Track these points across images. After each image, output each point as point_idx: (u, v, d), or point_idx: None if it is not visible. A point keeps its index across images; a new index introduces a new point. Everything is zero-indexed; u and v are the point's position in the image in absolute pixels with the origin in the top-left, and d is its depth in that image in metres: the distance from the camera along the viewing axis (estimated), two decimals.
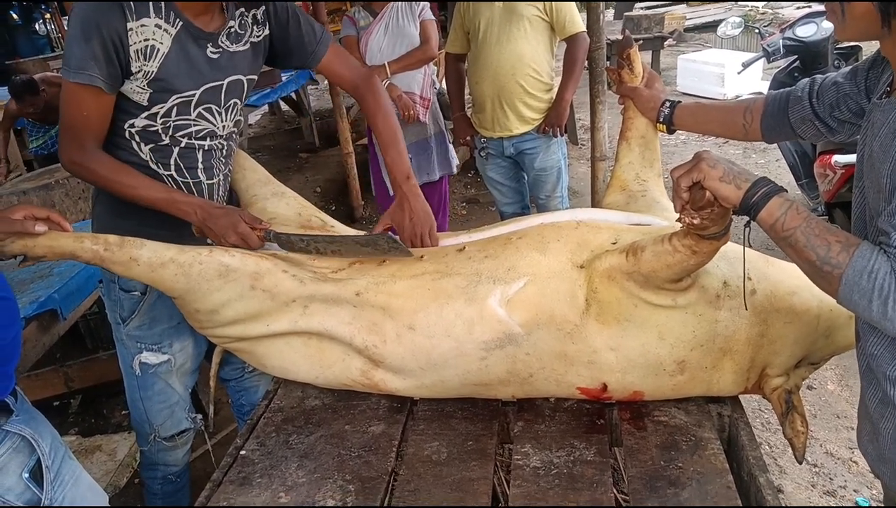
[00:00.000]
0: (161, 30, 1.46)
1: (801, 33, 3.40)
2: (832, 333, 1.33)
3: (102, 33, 1.40)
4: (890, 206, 0.92)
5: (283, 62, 1.78)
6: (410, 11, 3.28)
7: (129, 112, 1.51)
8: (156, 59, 1.47)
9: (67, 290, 2.30)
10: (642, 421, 1.39)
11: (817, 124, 1.25)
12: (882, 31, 0.95)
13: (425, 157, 3.39)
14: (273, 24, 1.67)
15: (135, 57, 1.44)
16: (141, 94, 1.49)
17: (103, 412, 3.13)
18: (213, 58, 1.56)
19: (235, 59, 1.61)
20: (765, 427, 2.58)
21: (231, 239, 1.51)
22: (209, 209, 1.54)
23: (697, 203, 1.06)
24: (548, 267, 1.34)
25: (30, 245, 1.34)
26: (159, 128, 1.54)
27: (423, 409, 1.51)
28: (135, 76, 1.46)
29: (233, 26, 1.59)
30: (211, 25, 1.55)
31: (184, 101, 1.53)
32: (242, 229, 1.52)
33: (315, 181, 5.95)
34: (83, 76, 1.40)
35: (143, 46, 1.45)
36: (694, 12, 11.66)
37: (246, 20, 1.62)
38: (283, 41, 1.70)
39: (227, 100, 1.62)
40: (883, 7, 0.92)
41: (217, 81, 1.58)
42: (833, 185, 3.06)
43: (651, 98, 1.60)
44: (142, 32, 1.44)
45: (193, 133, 1.59)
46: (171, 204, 1.53)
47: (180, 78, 1.51)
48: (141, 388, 1.76)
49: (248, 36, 1.63)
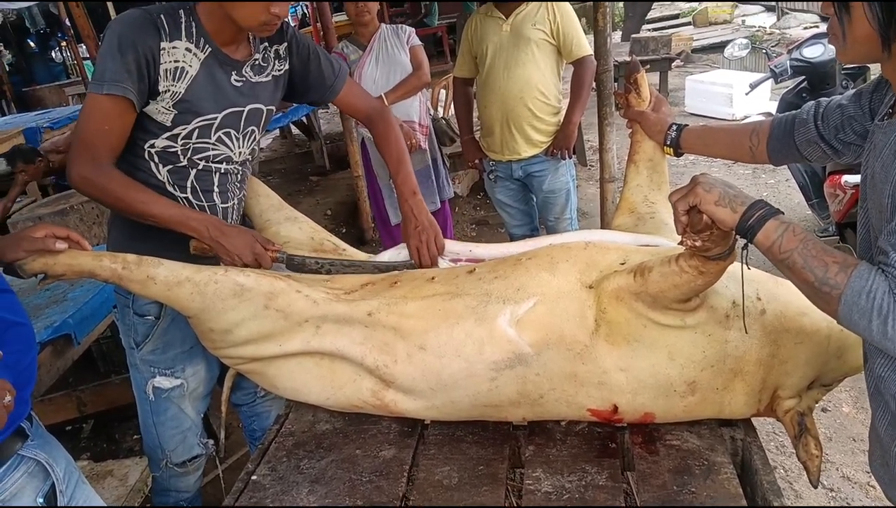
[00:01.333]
0: (191, 53, 1.52)
1: (808, 54, 3.41)
2: (843, 354, 1.32)
3: (138, 49, 1.44)
4: (890, 225, 0.92)
5: (302, 97, 1.84)
6: (398, 39, 3.31)
7: (152, 132, 1.55)
8: (184, 80, 1.51)
9: (82, 315, 2.32)
10: (654, 445, 1.38)
11: (823, 146, 1.26)
12: (882, 55, 0.97)
13: (428, 185, 3.42)
14: (294, 60, 1.73)
15: (164, 76, 1.49)
16: (165, 115, 1.52)
17: (115, 436, 3.13)
18: (237, 85, 1.61)
19: (257, 88, 1.66)
20: (779, 450, 2.55)
21: (246, 257, 1.54)
22: (222, 227, 1.56)
23: (696, 226, 1.07)
24: (557, 287, 1.35)
25: (50, 263, 1.37)
26: (179, 149, 1.57)
27: (434, 433, 1.51)
28: (161, 96, 1.50)
29: (257, 58, 1.65)
30: (237, 54, 1.61)
31: (205, 124, 1.57)
32: (258, 249, 1.55)
33: (325, 204, 5.99)
34: (117, 87, 1.43)
35: (172, 67, 1.49)
36: (700, 33, 11.74)
37: (269, 54, 1.68)
38: (303, 77, 1.76)
39: (245, 126, 1.66)
40: (883, 31, 0.93)
41: (239, 107, 1.62)
42: (843, 205, 3.05)
43: (658, 122, 1.62)
44: (173, 53, 1.49)
45: (211, 156, 1.62)
46: (184, 220, 1.53)
47: (205, 101, 1.55)
48: (154, 413, 1.77)
49: (271, 69, 1.69)
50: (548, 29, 2.83)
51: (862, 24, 0.95)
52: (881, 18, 0.92)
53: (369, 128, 1.88)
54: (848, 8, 0.96)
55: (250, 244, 1.54)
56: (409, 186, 1.75)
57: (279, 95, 1.75)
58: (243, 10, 1.47)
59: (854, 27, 0.96)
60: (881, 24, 0.93)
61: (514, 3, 2.87)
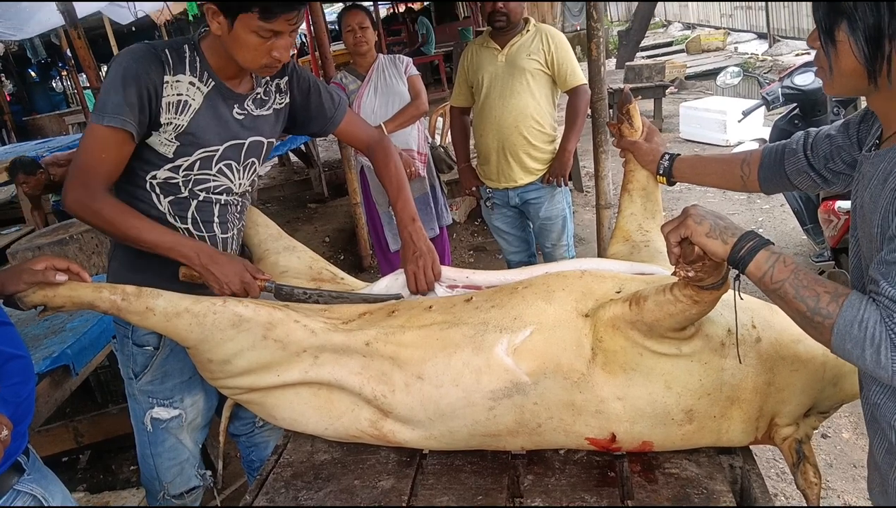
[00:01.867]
0: (194, 87, 1.55)
1: (800, 82, 3.47)
2: (839, 381, 1.33)
3: (141, 83, 1.47)
4: (880, 254, 0.93)
5: (303, 129, 1.87)
6: (395, 69, 3.36)
7: (154, 163, 1.57)
8: (187, 113, 1.54)
9: (80, 346, 2.32)
10: (653, 474, 1.38)
11: (813, 176, 1.28)
12: (868, 87, 0.99)
13: (426, 212, 3.44)
14: (295, 94, 1.77)
15: (166, 109, 1.52)
16: (168, 147, 1.55)
17: (112, 467, 3.11)
18: (239, 118, 1.64)
19: (258, 121, 1.69)
20: (780, 477, 2.53)
21: (235, 286, 1.55)
22: (213, 255, 1.56)
23: (688, 257, 1.08)
24: (553, 316, 1.36)
25: (50, 295, 1.38)
26: (180, 180, 1.60)
27: (433, 463, 1.50)
28: (164, 128, 1.53)
29: (259, 92, 1.69)
30: (240, 88, 1.64)
31: (207, 156, 1.60)
32: (247, 278, 1.56)
33: (324, 231, 6.02)
34: (117, 120, 1.46)
35: (175, 100, 1.52)
36: (694, 60, 11.90)
37: (270, 88, 1.72)
38: (304, 110, 1.80)
39: (246, 158, 1.69)
40: (869, 64, 0.95)
41: (240, 140, 1.65)
42: (838, 231, 3.08)
43: (650, 151, 1.64)
44: (176, 87, 1.52)
45: (212, 187, 1.64)
46: (175, 246, 1.54)
47: (208, 133, 1.58)
48: (151, 444, 1.77)
49: (272, 103, 1.72)
50: (542, 59, 2.88)
51: (848, 58, 0.97)
52: (866, 52, 0.94)
53: (369, 157, 1.90)
54: (834, 41, 0.97)
55: (239, 272, 1.56)
56: (409, 213, 1.77)
57: (280, 128, 1.78)
58: (245, 52, 1.51)
59: (840, 60, 0.98)
60: (867, 58, 0.95)
61: (509, 35, 2.92)
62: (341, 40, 3.77)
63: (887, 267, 0.91)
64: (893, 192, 0.92)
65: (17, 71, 13.62)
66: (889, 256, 0.91)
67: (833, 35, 0.97)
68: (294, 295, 1.60)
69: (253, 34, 1.47)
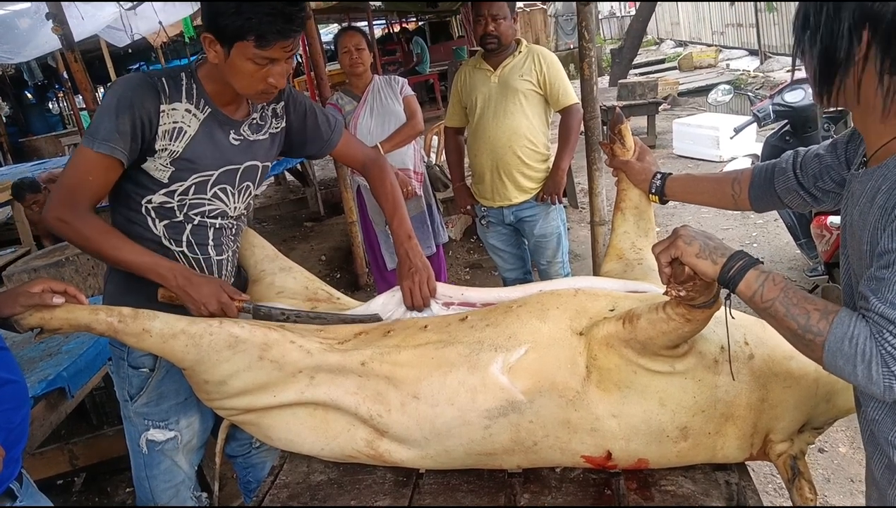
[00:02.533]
0: (190, 114, 1.57)
1: (790, 99, 3.50)
2: (832, 397, 1.34)
3: (135, 111, 1.49)
4: (869, 271, 0.94)
5: (300, 151, 1.90)
6: (391, 89, 3.39)
7: (149, 188, 1.58)
8: (182, 140, 1.56)
9: (76, 368, 2.32)
10: (649, 491, 1.38)
11: (803, 194, 1.29)
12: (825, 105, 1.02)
13: (423, 230, 3.46)
14: (292, 118, 1.79)
15: (161, 136, 1.53)
16: (163, 172, 1.56)
17: (107, 490, 3.09)
18: (235, 144, 1.66)
19: (254, 146, 1.71)
20: (778, 492, 2.53)
21: (212, 306, 1.55)
22: (190, 277, 1.57)
23: (679, 277, 1.09)
24: (548, 334, 1.36)
25: (47, 317, 1.38)
26: (175, 205, 1.61)
27: (429, 482, 1.50)
28: (159, 154, 1.54)
29: (255, 117, 1.71)
30: (236, 114, 1.66)
31: (202, 180, 1.61)
32: (224, 298, 1.56)
33: (320, 249, 6.03)
34: (106, 147, 1.47)
35: (171, 128, 1.54)
36: (686, 77, 12.01)
37: (266, 112, 1.74)
38: (300, 133, 1.82)
39: (241, 182, 1.70)
40: (818, 85, 1.00)
41: (235, 165, 1.67)
42: (830, 246, 3.10)
43: (642, 170, 1.66)
44: (172, 115, 1.54)
45: (207, 211, 1.66)
46: (154, 267, 1.54)
47: (204, 159, 1.60)
48: (147, 467, 1.76)
49: (268, 127, 1.74)
50: (535, 79, 2.92)
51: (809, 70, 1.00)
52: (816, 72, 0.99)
53: (365, 175, 1.92)
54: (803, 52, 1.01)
55: (216, 293, 1.56)
56: (405, 230, 1.79)
57: (275, 152, 1.80)
58: (242, 79, 1.52)
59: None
60: (815, 79, 1.00)
61: (501, 56, 2.96)
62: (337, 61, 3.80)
63: (877, 283, 0.92)
64: (881, 210, 0.94)
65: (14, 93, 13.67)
66: (878, 272, 0.92)
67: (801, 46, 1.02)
68: (272, 315, 1.60)
69: (249, 62, 1.49)
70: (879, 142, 1.00)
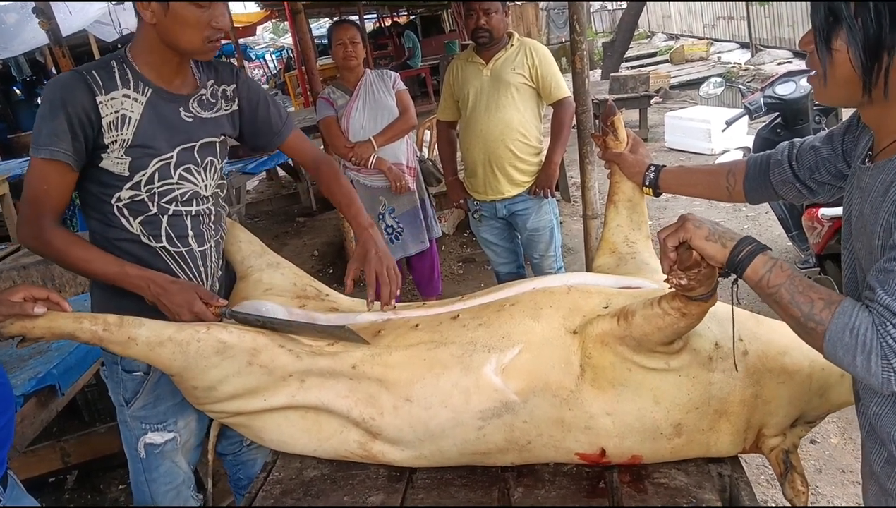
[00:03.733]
0: (130, 99, 1.53)
1: (781, 91, 3.50)
2: (825, 392, 1.34)
3: (68, 110, 1.45)
4: (879, 262, 0.93)
5: (250, 141, 1.86)
6: (383, 84, 3.37)
7: (113, 185, 1.55)
8: (129, 126, 1.52)
9: (66, 366, 2.30)
10: (642, 484, 1.38)
11: (798, 186, 1.29)
12: (863, 99, 0.97)
13: (416, 225, 3.44)
14: (244, 104, 1.76)
15: (108, 129, 1.50)
16: (121, 164, 1.53)
17: (100, 487, 3.07)
18: (187, 121, 1.62)
19: (207, 124, 1.67)
20: (770, 483, 2.54)
21: (185, 316, 1.52)
22: (164, 284, 1.53)
23: (685, 263, 1.08)
24: (541, 333, 1.36)
25: (28, 326, 1.35)
26: (145, 197, 1.58)
27: (423, 478, 1.50)
28: (111, 147, 1.51)
29: (204, 94, 1.67)
30: (183, 89, 1.63)
31: (163, 164, 1.58)
32: (198, 307, 1.52)
33: (313, 244, 6.00)
34: (47, 151, 1.45)
35: (115, 118, 1.50)
36: (678, 70, 12.02)
37: (217, 92, 1.71)
38: (251, 121, 1.79)
39: (203, 158, 1.67)
40: (866, 76, 0.94)
41: (191, 142, 1.63)
42: (822, 238, 3.11)
43: (636, 163, 1.65)
44: (111, 105, 1.50)
45: (179, 197, 1.62)
46: (123, 277, 1.52)
47: (156, 141, 1.56)
48: (146, 471, 1.73)
49: (219, 107, 1.71)
50: (527, 73, 2.91)
51: (844, 67, 0.95)
52: (864, 63, 0.93)
53: (316, 174, 1.90)
54: (830, 49, 0.96)
55: (189, 302, 1.52)
56: (363, 220, 1.76)
57: (231, 132, 1.77)
58: (186, 31, 1.49)
59: (835, 69, 0.96)
60: (864, 69, 0.93)
61: (493, 49, 2.94)
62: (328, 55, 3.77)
63: (885, 274, 0.91)
64: (895, 203, 0.93)
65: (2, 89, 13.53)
66: (888, 264, 0.91)
67: (830, 42, 0.95)
68: (249, 321, 1.56)
69: (191, 6, 1.46)
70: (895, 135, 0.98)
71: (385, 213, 3.36)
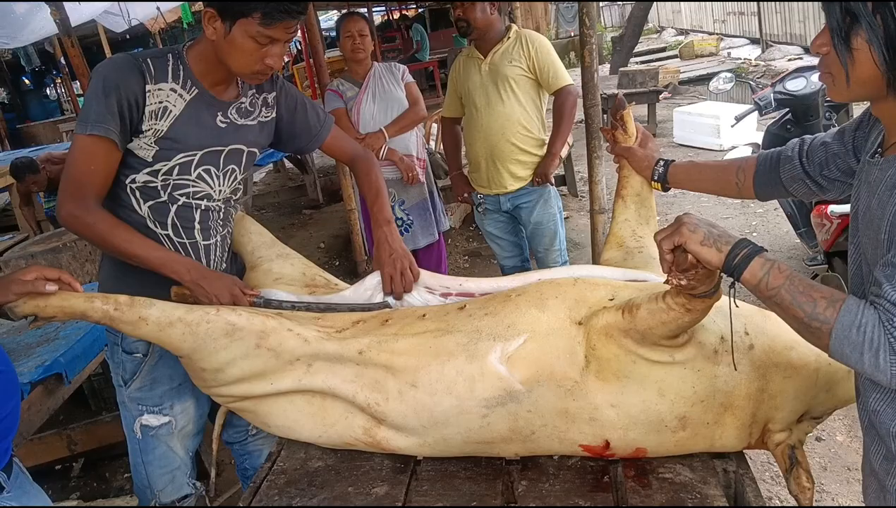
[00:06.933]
0: (175, 94, 1.56)
1: (792, 87, 3.48)
2: (832, 387, 1.33)
3: (121, 92, 1.48)
4: (886, 257, 0.93)
5: (288, 145, 1.90)
6: (392, 76, 3.38)
7: (133, 167, 1.57)
8: (167, 119, 1.55)
9: (73, 354, 2.32)
10: (647, 479, 1.38)
11: (808, 183, 1.28)
12: (888, 94, 0.96)
13: (426, 217, 3.44)
14: (283, 111, 1.79)
15: (148, 116, 1.53)
16: (147, 151, 1.56)
17: (105, 475, 3.09)
18: (221, 126, 1.65)
19: (241, 130, 1.69)
20: (775, 480, 2.54)
21: (225, 299, 1.56)
22: (203, 271, 1.59)
23: (682, 265, 1.07)
24: (547, 323, 1.35)
25: (41, 305, 1.37)
26: (159, 184, 1.60)
27: (427, 469, 1.50)
28: (144, 134, 1.54)
29: (244, 102, 1.70)
30: (225, 95, 1.65)
31: (186, 160, 1.60)
32: (236, 291, 1.58)
33: (319, 237, 6.01)
34: (100, 128, 1.47)
35: (156, 108, 1.54)
36: (687, 66, 11.95)
37: (257, 100, 1.73)
38: (289, 127, 1.82)
39: (225, 165, 1.68)
40: (891, 72, 0.93)
41: (219, 146, 1.65)
42: (831, 235, 3.09)
43: (645, 157, 1.64)
44: (158, 95, 1.54)
45: (191, 193, 1.64)
46: (166, 262, 1.56)
47: (187, 139, 1.59)
48: (142, 452, 1.76)
49: (257, 115, 1.73)
50: (525, 64, 2.89)
51: (866, 65, 0.94)
52: (888, 60, 0.91)
53: (352, 168, 1.93)
54: (850, 49, 0.94)
55: (228, 286, 1.58)
56: (385, 215, 1.78)
57: (264, 141, 1.79)
58: (239, 57, 1.52)
59: (857, 68, 0.95)
60: (888, 66, 0.92)
61: (491, 43, 2.93)
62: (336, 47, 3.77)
63: (892, 269, 0.91)
64: None
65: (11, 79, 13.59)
66: (894, 259, 0.91)
67: (850, 42, 0.94)
68: (283, 308, 1.60)
69: (250, 39, 1.48)
70: None
71: (395, 205, 3.37)
